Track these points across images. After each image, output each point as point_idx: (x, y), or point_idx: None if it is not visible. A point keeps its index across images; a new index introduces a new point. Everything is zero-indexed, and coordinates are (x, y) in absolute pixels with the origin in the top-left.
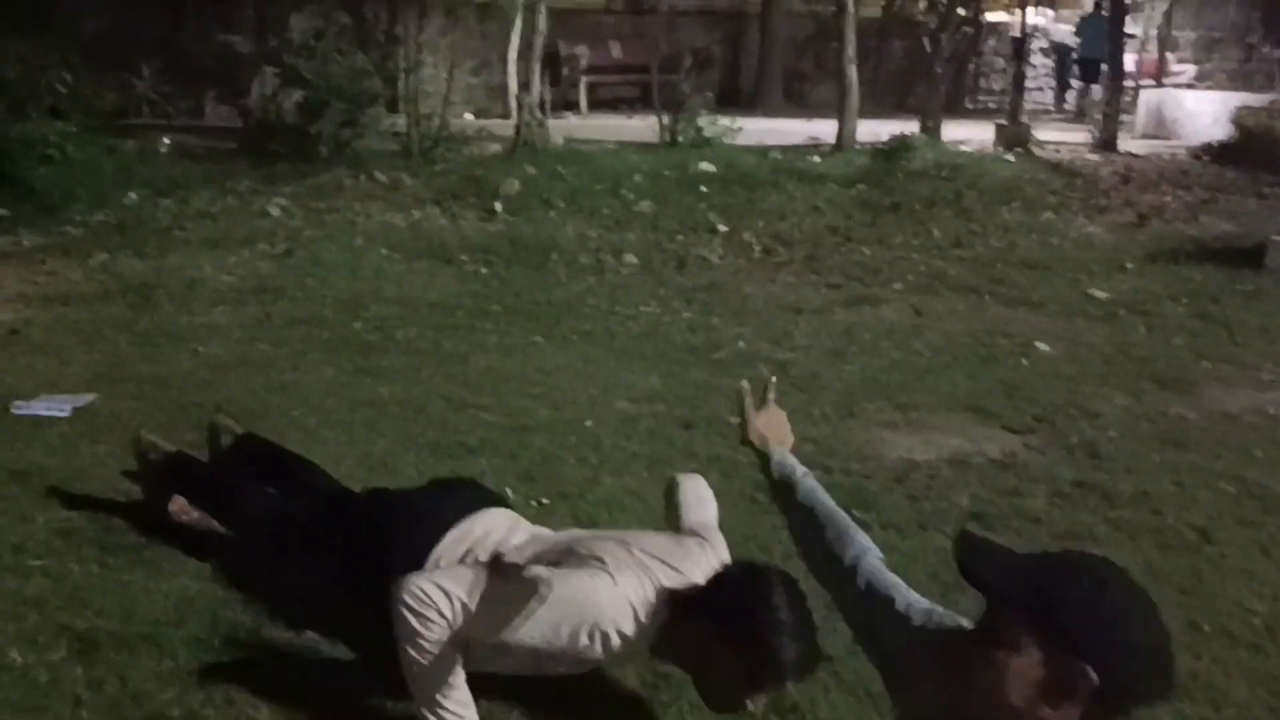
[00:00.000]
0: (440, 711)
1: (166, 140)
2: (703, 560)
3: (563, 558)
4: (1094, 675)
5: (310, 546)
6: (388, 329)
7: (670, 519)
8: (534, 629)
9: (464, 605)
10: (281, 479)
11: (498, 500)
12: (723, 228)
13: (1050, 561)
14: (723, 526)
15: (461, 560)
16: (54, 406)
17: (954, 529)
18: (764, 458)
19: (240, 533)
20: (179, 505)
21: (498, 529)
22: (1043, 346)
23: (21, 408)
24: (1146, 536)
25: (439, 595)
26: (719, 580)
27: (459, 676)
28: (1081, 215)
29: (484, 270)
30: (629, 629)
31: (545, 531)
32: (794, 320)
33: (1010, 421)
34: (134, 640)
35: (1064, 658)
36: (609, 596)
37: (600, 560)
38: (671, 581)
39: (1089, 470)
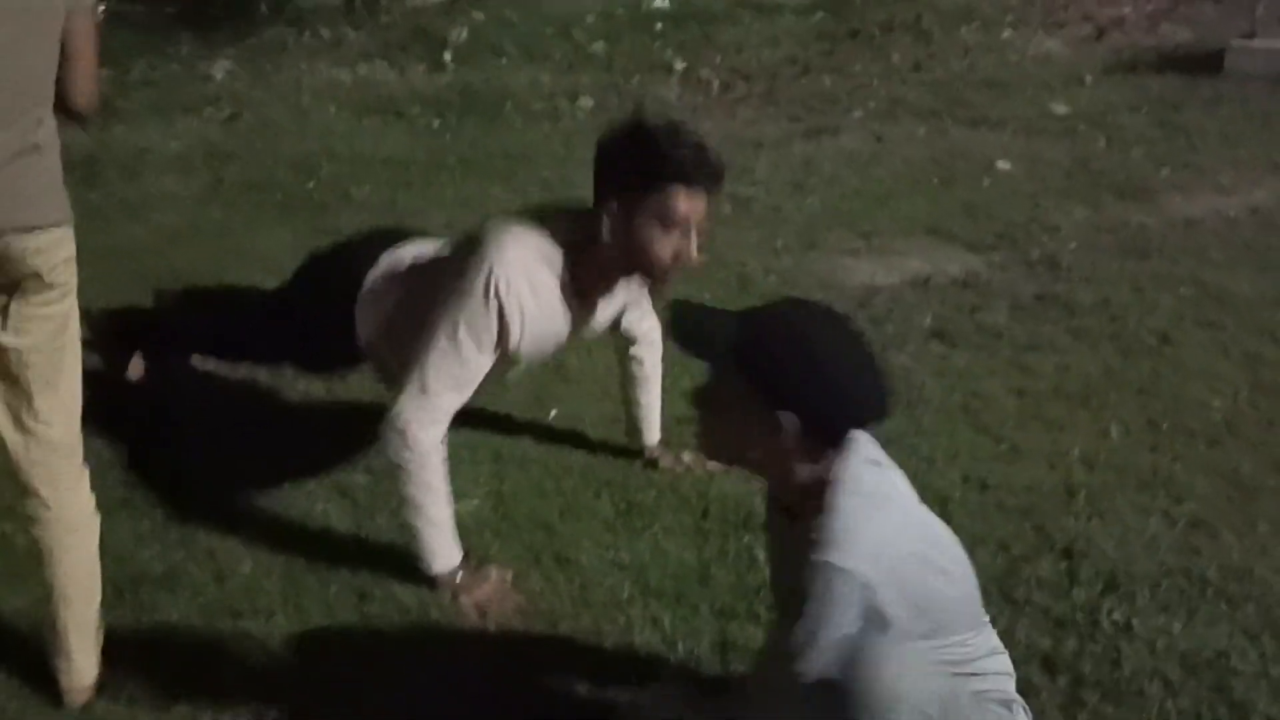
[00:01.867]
0: (428, 546)
1: (101, 8)
2: None
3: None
4: (792, 418)
5: (270, 314)
6: (342, 188)
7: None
8: (478, 335)
9: (445, 408)
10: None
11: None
12: (679, 65)
13: (752, 318)
14: (690, 360)
15: (394, 274)
16: None
17: (916, 349)
18: None
19: (201, 343)
20: (138, 368)
21: (426, 249)
22: (1003, 165)
23: None
24: (1106, 343)
25: (427, 429)
26: (596, 157)
27: (448, 511)
28: (1040, 31)
29: (436, 123)
30: (536, 267)
31: None
32: (754, 155)
33: (971, 241)
34: (110, 505)
35: (763, 406)
36: (496, 248)
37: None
38: (556, 217)
39: (1050, 283)
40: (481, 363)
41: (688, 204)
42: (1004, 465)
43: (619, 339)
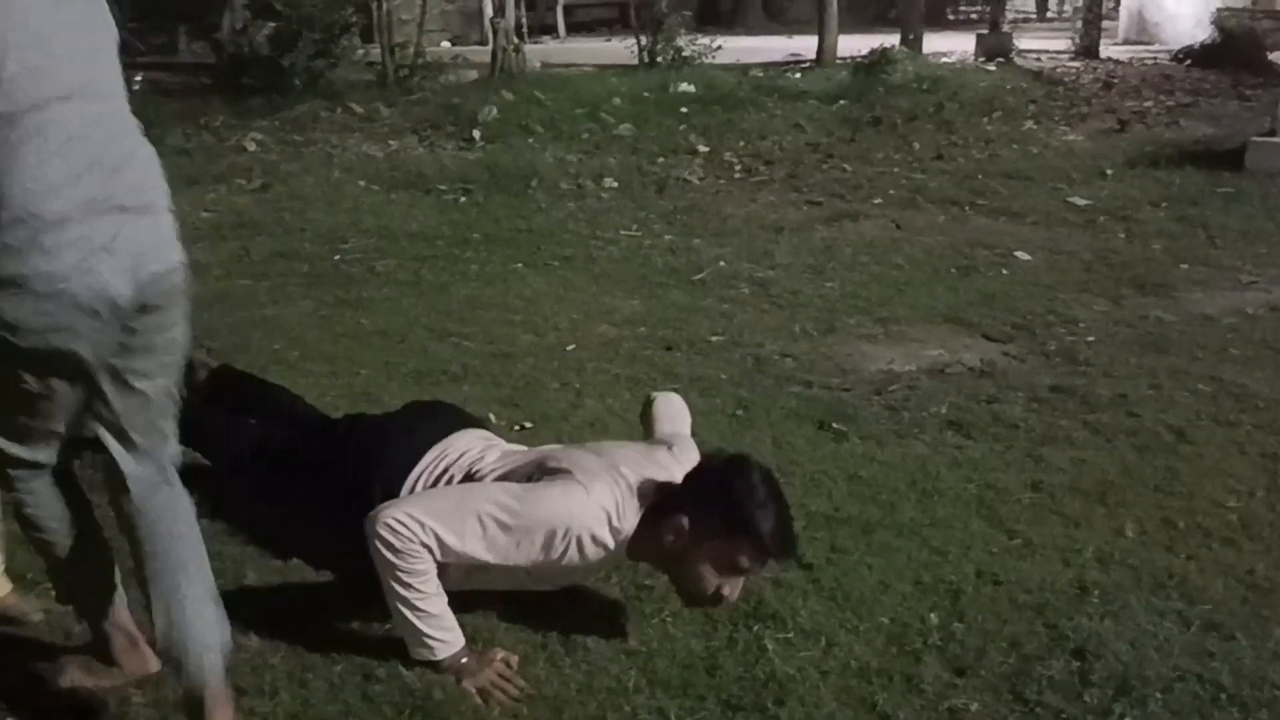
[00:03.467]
0: (424, 638)
1: (139, 78)
2: (672, 465)
3: (535, 472)
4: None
5: (291, 476)
6: (368, 261)
7: (646, 434)
8: (511, 545)
9: (437, 533)
10: (259, 409)
11: (474, 421)
12: (703, 148)
13: None
14: (705, 442)
15: (438, 481)
16: None
17: (932, 438)
18: None
19: (221, 466)
20: None
21: (473, 449)
22: (1022, 256)
23: None
24: (1123, 438)
25: (414, 525)
26: (696, 471)
27: (441, 602)
28: (1062, 124)
29: (463, 199)
30: (603, 533)
31: (519, 448)
32: (775, 239)
33: (989, 331)
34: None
35: None
36: (580, 503)
37: (570, 471)
38: (643, 482)
39: (1067, 376)
40: (486, 558)
41: (751, 567)
42: (1017, 560)
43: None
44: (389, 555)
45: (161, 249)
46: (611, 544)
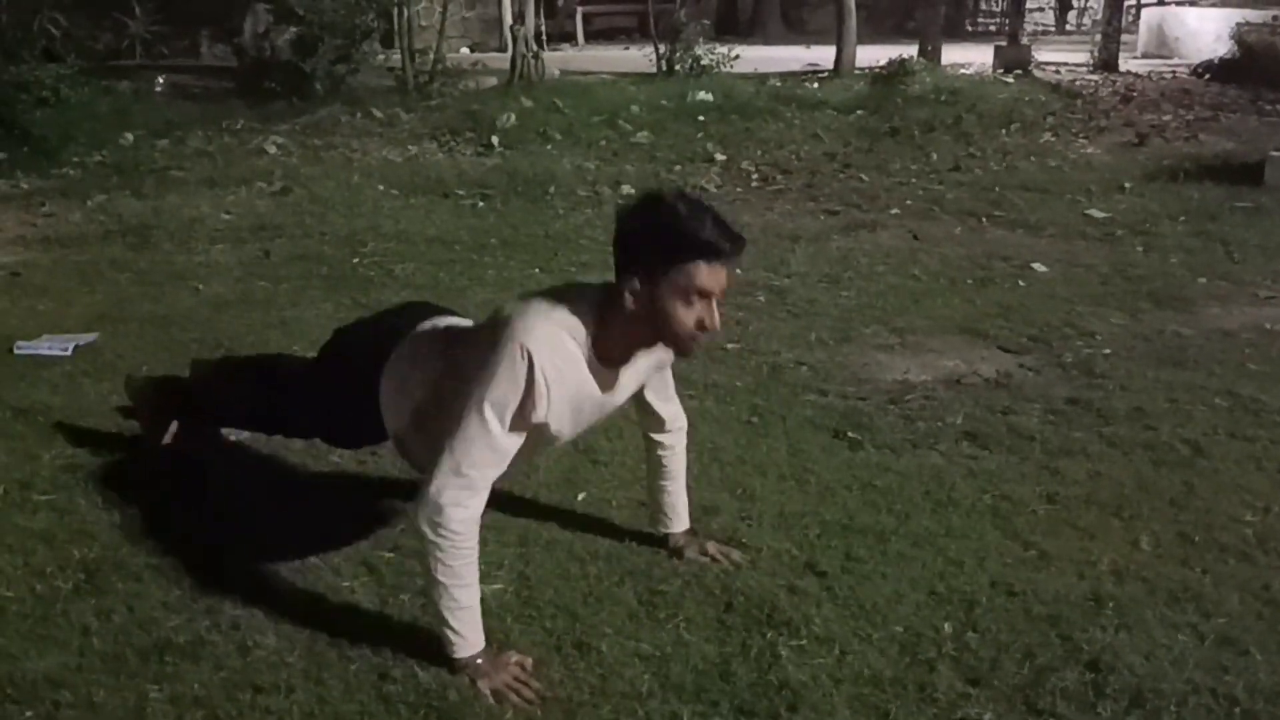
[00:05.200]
0: (448, 630)
1: (161, 80)
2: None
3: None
4: None
5: (298, 390)
6: (386, 264)
7: (645, 425)
8: (507, 408)
9: (474, 482)
10: (260, 369)
11: (444, 310)
12: (720, 157)
13: None
14: (720, 449)
15: (417, 357)
16: (56, 346)
17: (948, 448)
18: None
19: (233, 416)
20: (175, 435)
21: (449, 327)
22: (1040, 268)
23: (24, 348)
24: (1139, 452)
25: (460, 513)
26: (618, 233)
27: (474, 593)
28: (1081, 136)
29: (481, 204)
30: (564, 342)
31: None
32: (791, 248)
33: (1006, 342)
34: (140, 571)
35: None
36: (522, 327)
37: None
38: (582, 293)
39: (1083, 388)
40: (513, 439)
41: (711, 278)
42: (1032, 572)
43: (644, 419)
44: (435, 543)
45: None
46: (577, 352)
